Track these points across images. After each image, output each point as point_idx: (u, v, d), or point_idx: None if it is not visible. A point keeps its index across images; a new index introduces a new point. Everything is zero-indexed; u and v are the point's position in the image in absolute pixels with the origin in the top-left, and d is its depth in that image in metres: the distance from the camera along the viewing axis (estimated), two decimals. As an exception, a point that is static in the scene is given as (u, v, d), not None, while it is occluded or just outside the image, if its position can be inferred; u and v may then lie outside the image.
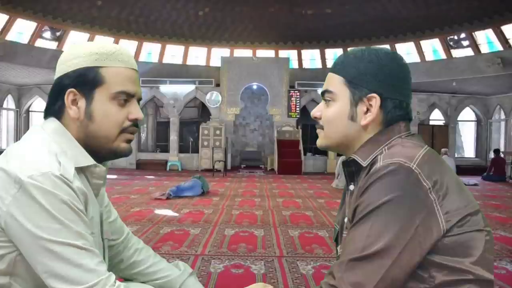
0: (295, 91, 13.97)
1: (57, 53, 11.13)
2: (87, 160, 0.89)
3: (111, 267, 1.14)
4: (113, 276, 0.78)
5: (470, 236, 0.75)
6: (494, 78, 11.81)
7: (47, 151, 0.82)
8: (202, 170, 12.95)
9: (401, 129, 0.88)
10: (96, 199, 0.94)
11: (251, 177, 11.17)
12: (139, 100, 0.95)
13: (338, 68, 0.92)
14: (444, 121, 14.95)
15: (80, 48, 0.91)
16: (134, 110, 0.92)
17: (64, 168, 0.80)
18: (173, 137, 14.14)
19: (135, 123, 0.93)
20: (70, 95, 0.88)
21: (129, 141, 0.94)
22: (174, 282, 1.12)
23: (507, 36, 11.50)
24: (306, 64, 15.34)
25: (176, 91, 14.00)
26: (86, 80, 0.88)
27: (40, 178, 0.76)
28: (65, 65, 0.90)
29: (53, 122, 0.90)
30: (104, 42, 0.95)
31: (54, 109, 0.90)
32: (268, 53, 15.20)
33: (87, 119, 0.89)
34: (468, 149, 16.22)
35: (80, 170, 0.88)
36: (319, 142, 0.96)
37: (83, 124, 0.89)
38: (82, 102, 0.89)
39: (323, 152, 13.61)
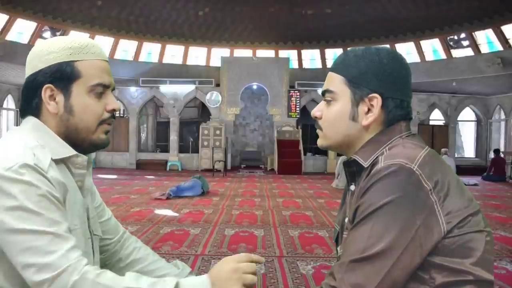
0: (295, 91, 13.97)
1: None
2: (68, 150, 0.89)
3: (110, 266, 1.13)
4: (84, 261, 0.77)
5: (471, 237, 0.75)
6: (494, 78, 11.81)
7: (23, 145, 0.82)
8: (202, 170, 12.95)
9: (402, 129, 0.88)
10: (81, 191, 0.94)
11: (251, 177, 11.16)
12: (113, 90, 0.96)
13: (338, 67, 0.91)
14: (444, 121, 14.95)
15: (52, 44, 0.91)
16: (111, 101, 0.94)
17: (38, 159, 0.80)
18: (173, 137, 14.14)
19: (113, 114, 0.95)
20: (47, 90, 0.89)
21: (107, 132, 0.95)
22: None
23: (507, 36, 11.49)
24: (306, 64, 15.34)
25: (176, 91, 14.00)
26: (62, 75, 0.88)
27: (14, 169, 0.76)
28: (38, 62, 0.90)
29: (30, 119, 0.90)
30: (74, 36, 0.96)
31: (31, 107, 0.91)
32: (268, 53, 15.20)
33: (67, 113, 0.90)
34: (468, 149, 16.22)
35: (61, 162, 0.88)
36: (320, 143, 0.96)
37: (62, 119, 0.90)
38: (60, 97, 0.89)
39: (323, 152, 13.62)
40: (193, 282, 0.82)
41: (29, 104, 0.91)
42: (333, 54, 14.75)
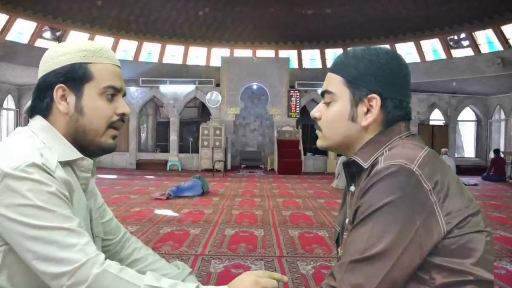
0: (295, 91, 13.97)
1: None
2: (74, 153, 0.90)
3: None
4: (102, 255, 0.78)
5: (471, 237, 0.75)
6: (494, 78, 11.81)
7: (30, 145, 0.83)
8: (202, 170, 12.95)
9: (401, 130, 0.88)
10: (85, 194, 0.94)
11: (251, 177, 11.17)
12: (123, 95, 0.97)
13: (337, 68, 0.91)
14: (444, 121, 14.95)
15: (66, 46, 0.92)
16: (121, 105, 0.95)
17: (46, 159, 0.81)
18: (173, 137, 14.15)
19: (122, 118, 0.96)
20: (59, 90, 0.89)
21: (114, 137, 0.96)
22: None
23: (507, 36, 11.49)
24: (306, 64, 15.34)
25: (176, 91, 14.00)
26: (75, 76, 0.89)
27: (22, 168, 0.77)
28: (51, 63, 0.91)
29: (38, 119, 0.91)
30: (88, 41, 0.97)
31: (41, 107, 0.91)
32: (268, 53, 15.20)
33: (78, 113, 0.90)
34: (468, 149, 16.22)
35: (67, 164, 0.89)
36: (319, 143, 0.96)
37: (72, 119, 0.91)
38: (71, 98, 0.90)
39: (323, 152, 13.61)
40: None
41: (39, 103, 0.91)
42: (333, 54, 14.75)
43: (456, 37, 12.88)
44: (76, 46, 0.92)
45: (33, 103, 0.93)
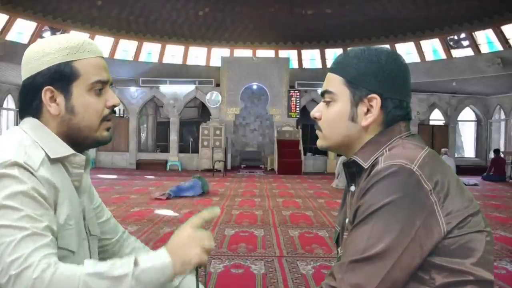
0: (295, 91, 13.97)
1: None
2: (66, 150, 0.89)
3: None
4: (48, 259, 0.72)
5: (471, 237, 0.75)
6: (494, 78, 11.81)
7: (17, 143, 0.82)
8: (202, 170, 12.94)
9: (401, 130, 0.87)
10: (78, 192, 0.94)
11: (251, 177, 11.17)
12: (111, 85, 0.96)
13: (337, 68, 0.91)
14: (444, 121, 14.95)
15: (47, 45, 0.90)
16: (110, 97, 0.94)
17: (29, 157, 0.80)
18: (173, 137, 14.15)
19: (113, 109, 0.95)
20: (47, 93, 0.88)
21: (109, 129, 0.96)
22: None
23: (507, 36, 11.50)
24: (306, 64, 15.34)
25: (176, 91, 14.00)
26: (62, 76, 0.88)
27: (2, 166, 0.76)
28: (34, 64, 0.89)
29: (30, 120, 0.90)
30: (69, 35, 0.95)
31: (31, 109, 0.90)
32: (268, 53, 15.20)
33: (69, 114, 0.90)
34: (468, 149, 16.22)
35: (58, 161, 0.88)
36: (319, 143, 0.96)
37: (64, 119, 0.90)
38: (60, 98, 0.89)
39: (323, 152, 13.61)
40: (152, 255, 0.81)
41: (28, 106, 0.90)
42: (333, 54, 14.74)
43: (456, 37, 12.89)
44: (58, 44, 0.90)
45: (21, 105, 0.92)
